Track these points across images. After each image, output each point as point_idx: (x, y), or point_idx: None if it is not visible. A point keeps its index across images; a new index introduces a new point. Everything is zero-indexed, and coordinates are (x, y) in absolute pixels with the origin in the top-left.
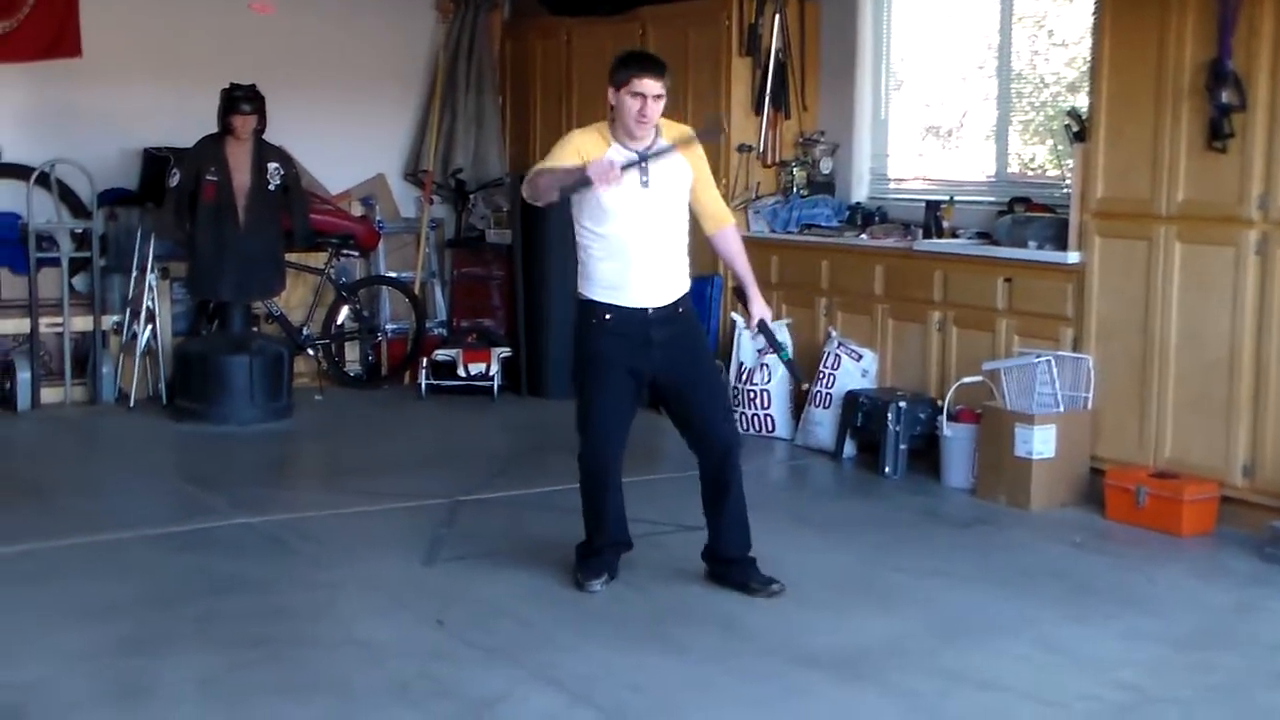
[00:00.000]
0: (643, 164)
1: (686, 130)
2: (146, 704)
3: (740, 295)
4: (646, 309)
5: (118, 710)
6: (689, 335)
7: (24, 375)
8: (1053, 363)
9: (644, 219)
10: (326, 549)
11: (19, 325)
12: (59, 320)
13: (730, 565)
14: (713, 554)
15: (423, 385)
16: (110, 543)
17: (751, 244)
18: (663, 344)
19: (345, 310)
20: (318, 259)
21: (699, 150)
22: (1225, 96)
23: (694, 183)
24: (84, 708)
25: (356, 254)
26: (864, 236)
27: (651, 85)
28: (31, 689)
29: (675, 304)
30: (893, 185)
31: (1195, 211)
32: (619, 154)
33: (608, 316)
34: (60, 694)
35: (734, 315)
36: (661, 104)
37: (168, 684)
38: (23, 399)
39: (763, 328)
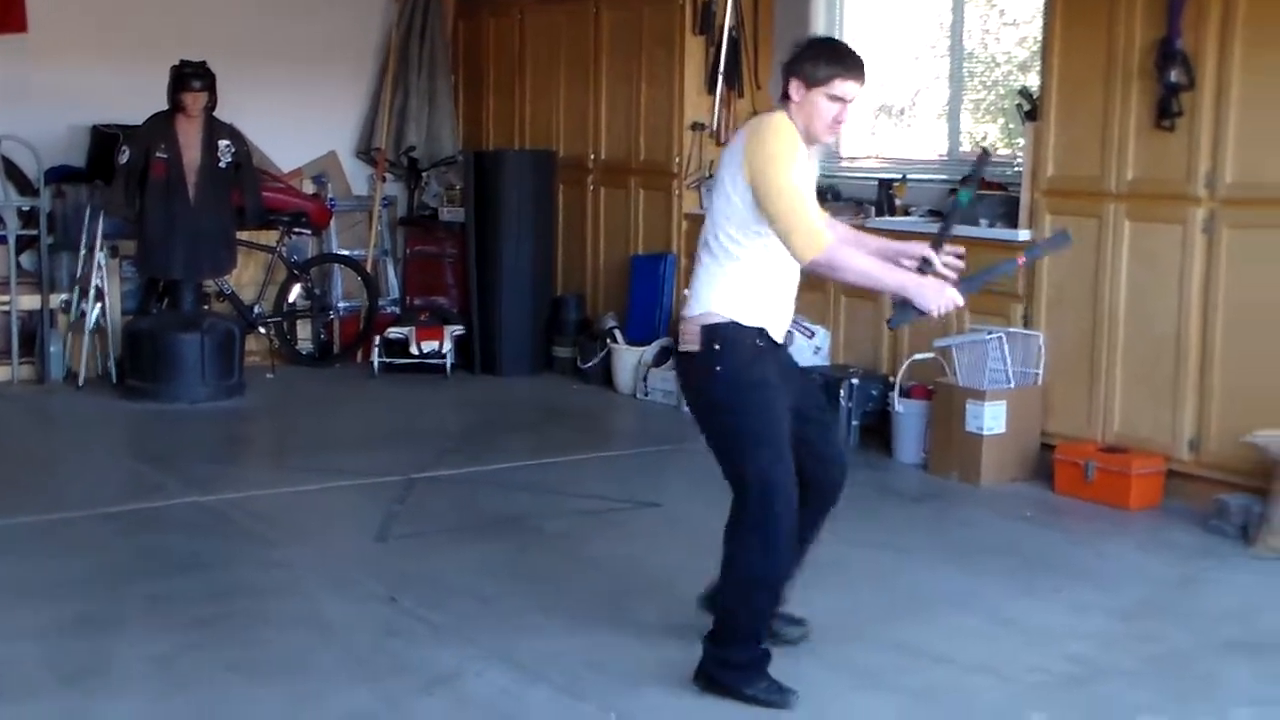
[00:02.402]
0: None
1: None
2: (99, 683)
3: None
4: (780, 345)
5: (70, 690)
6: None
7: None
8: (1003, 339)
9: None
10: (279, 527)
11: None
12: (6, 299)
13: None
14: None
15: (375, 363)
16: (60, 521)
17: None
18: (786, 361)
19: (297, 288)
20: (269, 237)
21: None
22: (1174, 76)
23: None
24: (36, 687)
25: (308, 232)
26: None
27: (855, 89)
28: None
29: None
30: (845, 163)
31: (1144, 190)
32: (806, 159)
33: (760, 343)
34: (12, 673)
35: (686, 293)
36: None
37: (121, 663)
38: None
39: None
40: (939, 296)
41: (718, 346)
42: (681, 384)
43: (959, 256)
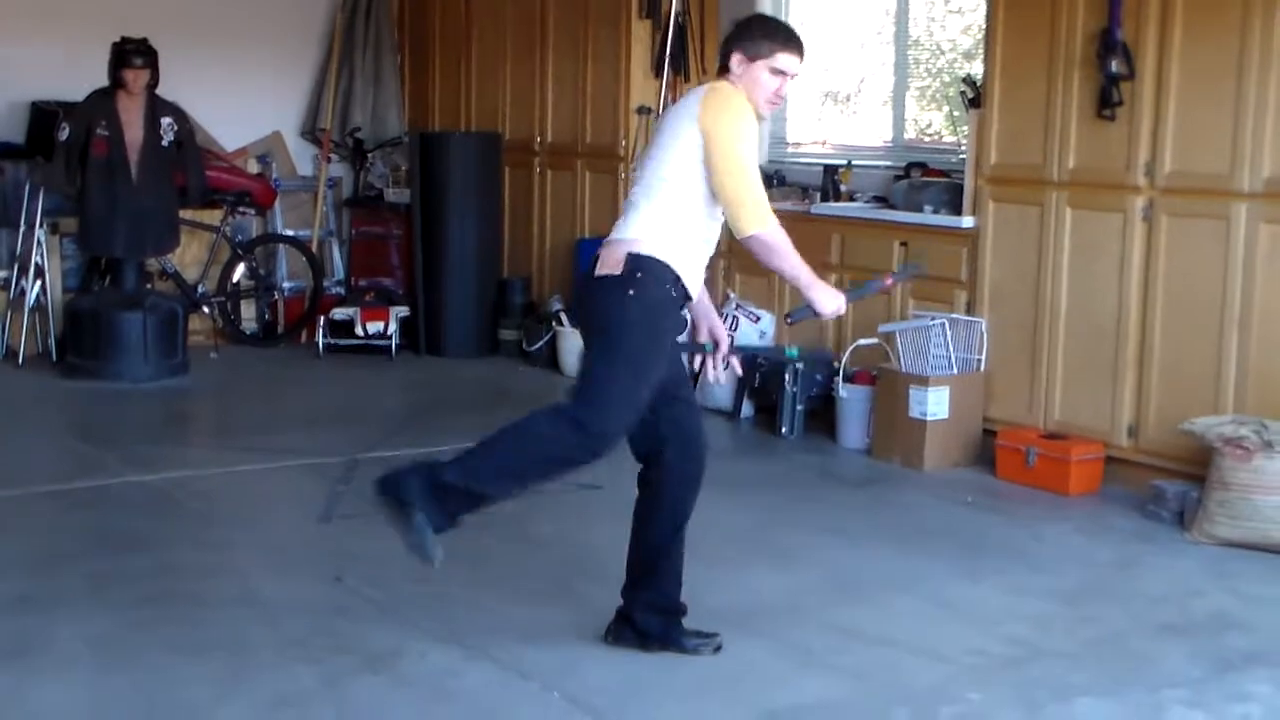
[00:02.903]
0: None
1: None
2: (38, 663)
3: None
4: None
5: (8, 669)
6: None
7: None
8: (946, 326)
9: None
10: (221, 507)
11: None
12: None
13: (664, 613)
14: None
15: (320, 344)
16: None
17: None
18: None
19: (241, 268)
20: (213, 216)
21: None
22: (1114, 66)
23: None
24: None
25: (252, 211)
26: None
27: (794, 63)
28: None
29: None
30: (791, 149)
31: (1085, 178)
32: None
33: (674, 293)
34: None
35: None
36: None
37: (60, 643)
38: None
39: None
40: (834, 301)
41: (639, 275)
42: (581, 308)
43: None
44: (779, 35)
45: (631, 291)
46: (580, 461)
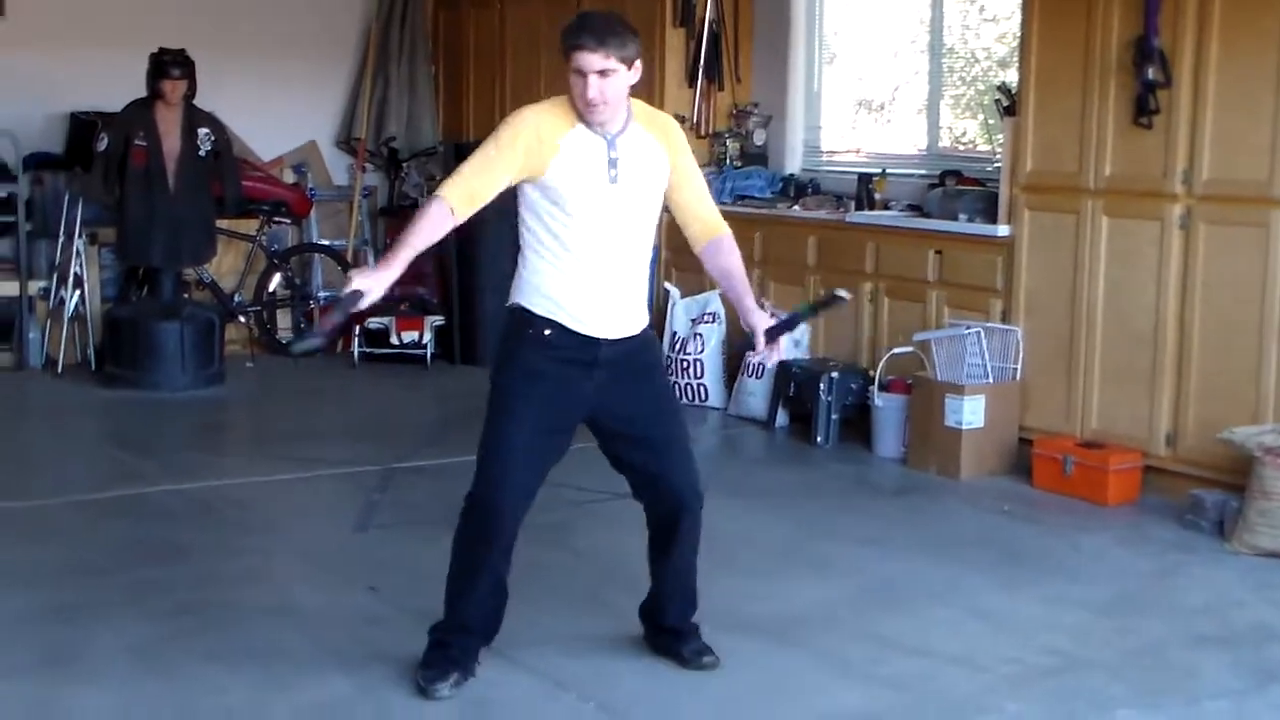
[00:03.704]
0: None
1: (668, 120)
2: (77, 670)
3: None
4: (597, 340)
5: (47, 676)
6: (647, 362)
7: None
8: (982, 334)
9: (608, 223)
10: (258, 516)
11: None
12: None
13: (667, 634)
14: (650, 617)
15: (355, 353)
16: (39, 509)
17: None
18: (612, 366)
19: (277, 277)
20: (250, 226)
21: (679, 135)
22: (1151, 73)
23: (673, 179)
24: (13, 673)
25: (288, 221)
26: (797, 208)
27: (590, 59)
28: None
29: (635, 339)
30: (825, 157)
31: (1121, 186)
32: (586, 140)
33: (546, 333)
34: None
35: (667, 285)
36: (617, 81)
37: (99, 651)
38: None
39: (774, 333)
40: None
41: (506, 329)
42: None
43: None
44: (571, 32)
45: (501, 348)
46: (477, 538)
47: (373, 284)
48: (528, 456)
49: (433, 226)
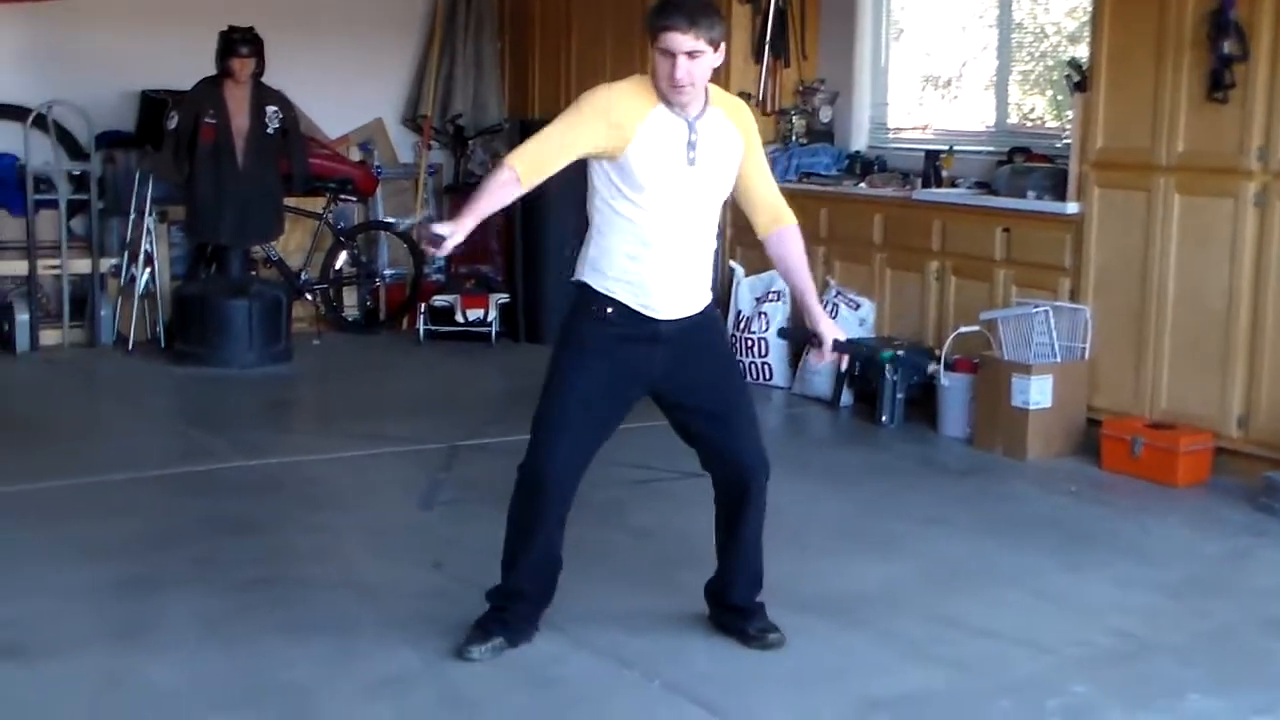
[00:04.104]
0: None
1: (742, 105)
2: (148, 641)
3: (796, 314)
4: (658, 319)
5: (120, 647)
6: (709, 338)
7: (23, 317)
8: (1050, 313)
9: (681, 205)
10: (325, 492)
11: (17, 267)
12: (57, 263)
13: (732, 612)
14: (716, 596)
15: (421, 331)
16: (112, 483)
17: None
18: (672, 343)
19: (343, 255)
20: (316, 204)
21: (752, 121)
22: (1227, 47)
23: (744, 165)
24: (86, 644)
25: (354, 199)
26: (863, 185)
27: (680, 40)
28: (33, 625)
29: (697, 316)
30: (892, 134)
31: (1194, 162)
32: (666, 121)
33: (609, 310)
34: (62, 631)
35: (732, 264)
36: (706, 62)
37: (172, 622)
38: (21, 341)
39: (840, 347)
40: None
41: (572, 306)
42: None
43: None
44: (660, 12)
45: (563, 323)
46: (527, 507)
47: (451, 229)
48: (578, 429)
49: (498, 191)
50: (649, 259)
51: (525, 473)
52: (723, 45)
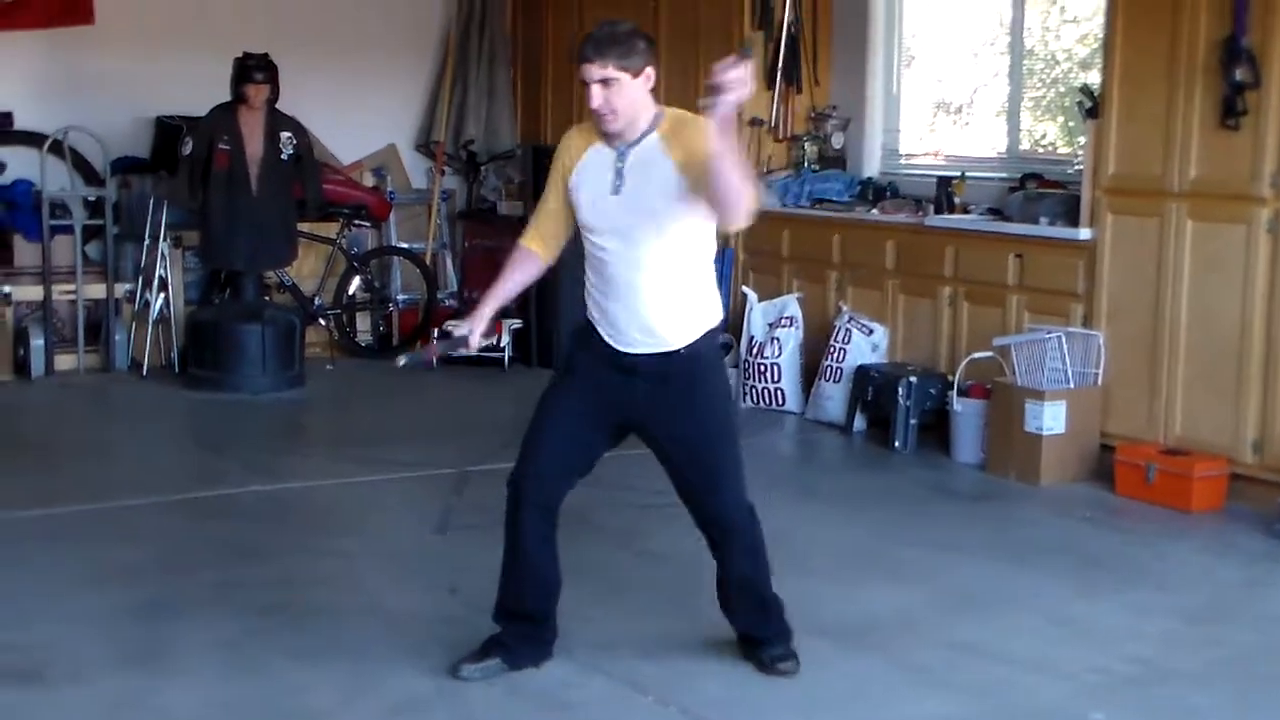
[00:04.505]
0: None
1: (689, 122)
2: (164, 666)
3: None
4: (625, 354)
5: (136, 672)
6: (691, 381)
7: (38, 342)
8: (1063, 339)
9: (620, 236)
10: (340, 517)
11: (33, 292)
12: (72, 288)
13: (745, 641)
14: (727, 618)
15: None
16: (126, 508)
17: (763, 218)
18: (650, 380)
19: (357, 280)
20: (329, 229)
21: (696, 131)
22: (1239, 74)
23: (684, 174)
24: (102, 669)
25: (368, 224)
26: (875, 211)
27: (589, 70)
28: (49, 649)
29: (671, 355)
30: (904, 160)
31: (1207, 189)
32: (598, 156)
33: (594, 341)
34: (78, 655)
35: (745, 289)
36: (624, 90)
37: (187, 647)
38: (37, 365)
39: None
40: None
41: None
42: None
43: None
44: (579, 46)
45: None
46: (509, 519)
47: (472, 326)
48: (555, 446)
49: (519, 269)
50: (608, 292)
51: (508, 485)
52: (649, 70)
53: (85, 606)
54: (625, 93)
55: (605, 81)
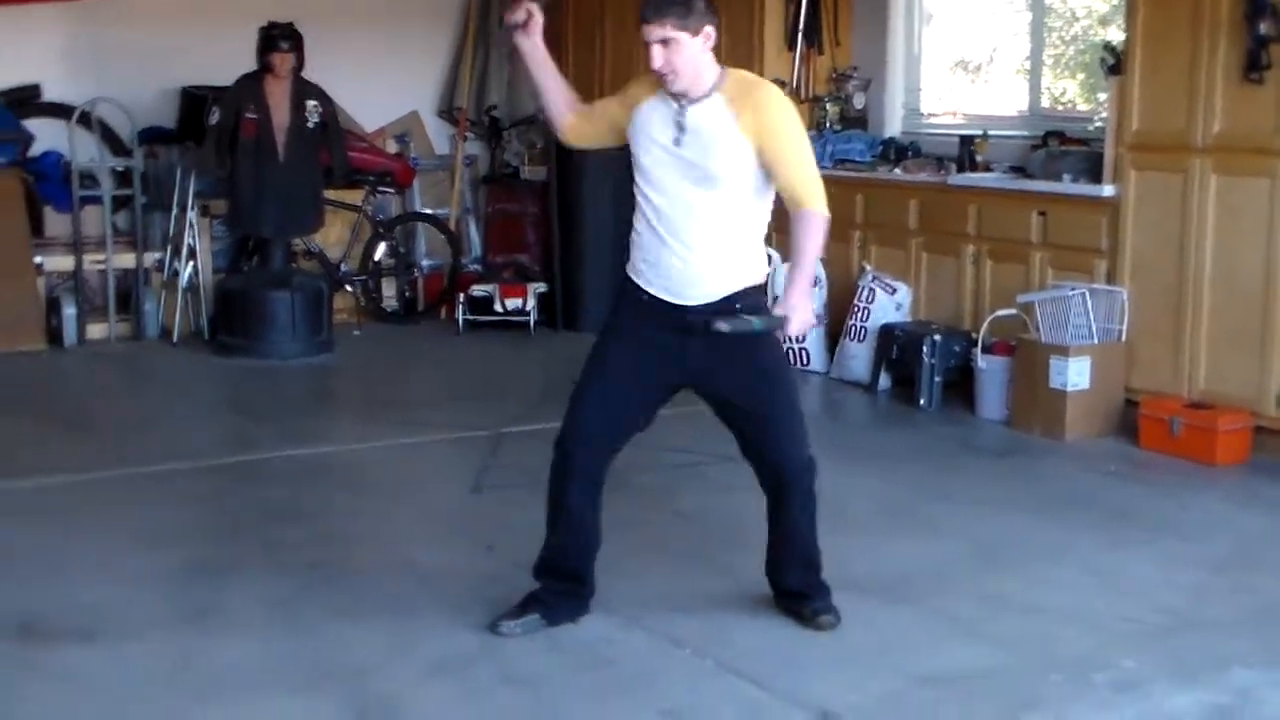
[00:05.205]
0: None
1: (758, 90)
2: (216, 623)
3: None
4: (683, 306)
5: (189, 629)
6: (745, 336)
7: (69, 311)
8: (1087, 295)
9: (678, 187)
10: (374, 479)
11: (64, 262)
12: (102, 258)
13: (788, 596)
14: (772, 580)
15: (460, 320)
16: (164, 473)
17: None
18: (706, 334)
19: (382, 246)
20: (355, 196)
21: (768, 109)
22: (1263, 27)
23: (762, 155)
24: (157, 627)
25: (393, 191)
26: (898, 171)
27: (650, 30)
28: (104, 609)
29: (726, 302)
30: (926, 120)
31: (1231, 143)
32: (661, 104)
33: (641, 297)
34: (130, 614)
35: (769, 250)
36: (684, 49)
37: (235, 606)
38: (69, 334)
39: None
40: (806, 321)
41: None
42: None
43: None
44: (640, 8)
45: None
46: (556, 474)
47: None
48: (605, 402)
49: (559, 88)
50: (657, 246)
51: (556, 441)
52: (708, 29)
53: (135, 568)
54: (685, 52)
55: (665, 41)
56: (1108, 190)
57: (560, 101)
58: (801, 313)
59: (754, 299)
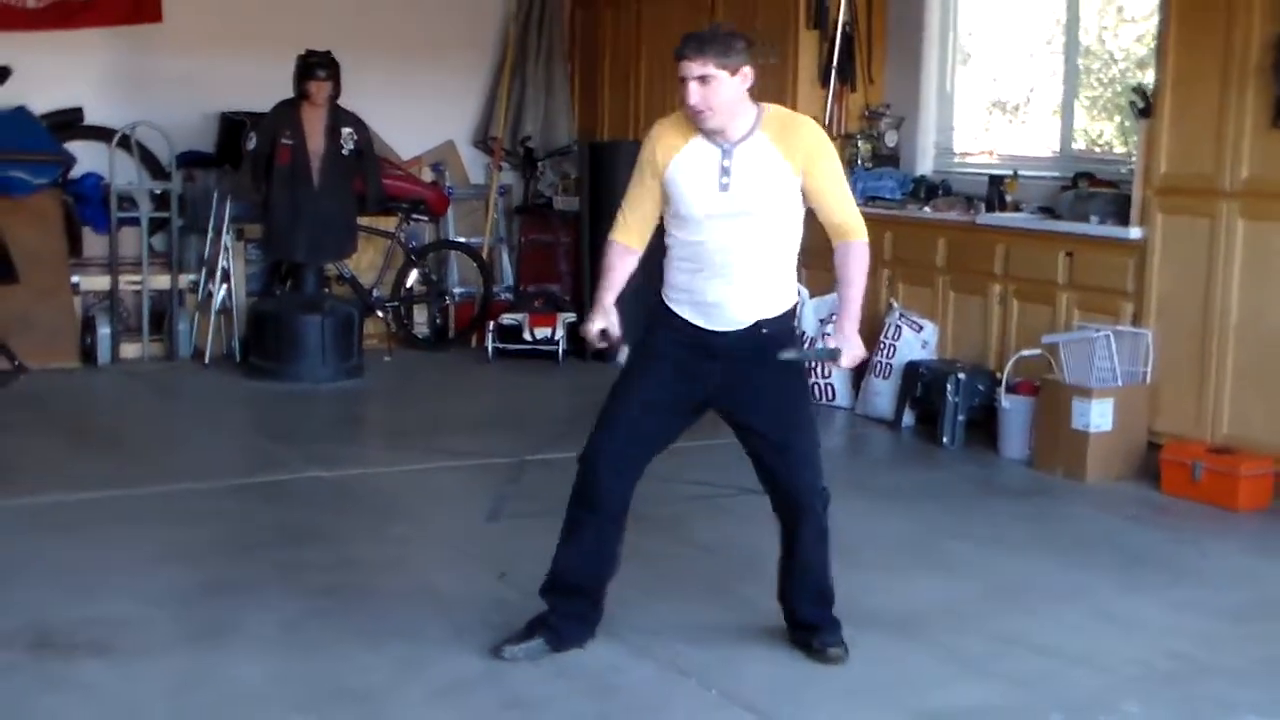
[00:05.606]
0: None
1: (800, 126)
2: (231, 642)
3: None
4: (713, 331)
5: (203, 647)
6: (767, 358)
7: (104, 330)
8: (1111, 337)
9: (723, 228)
10: (396, 504)
11: (100, 282)
12: (138, 278)
13: (799, 628)
14: (784, 611)
15: (489, 348)
16: (190, 492)
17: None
18: (731, 358)
19: (414, 273)
20: (388, 223)
21: (812, 144)
22: None
23: (806, 186)
24: (170, 644)
25: (426, 219)
26: (927, 209)
27: (689, 67)
28: (122, 624)
29: (757, 327)
30: (957, 159)
31: (1259, 189)
32: (700, 151)
33: (674, 322)
34: (147, 631)
35: (797, 286)
36: (722, 87)
37: (250, 626)
38: (103, 353)
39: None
40: (858, 353)
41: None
42: None
43: None
44: (680, 44)
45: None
46: (578, 495)
47: (597, 322)
48: (632, 425)
49: (617, 264)
50: (701, 277)
51: (579, 462)
52: (745, 70)
53: (155, 584)
54: (722, 90)
55: (703, 79)
56: (1135, 233)
57: (632, 266)
58: (854, 345)
59: (786, 323)
